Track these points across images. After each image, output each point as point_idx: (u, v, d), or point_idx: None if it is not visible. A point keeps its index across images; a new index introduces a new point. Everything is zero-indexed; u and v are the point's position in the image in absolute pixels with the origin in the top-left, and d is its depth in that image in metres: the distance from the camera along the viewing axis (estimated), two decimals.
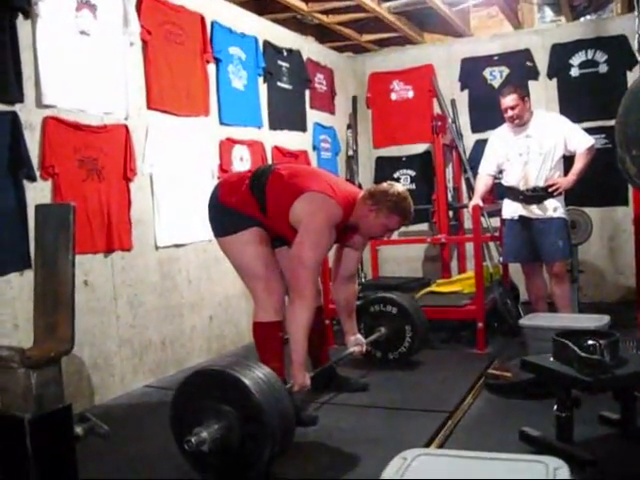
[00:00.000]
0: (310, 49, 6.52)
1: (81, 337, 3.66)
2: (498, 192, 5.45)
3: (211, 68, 5.05)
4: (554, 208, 4.71)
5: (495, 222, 5.59)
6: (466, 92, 6.86)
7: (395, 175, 7.07)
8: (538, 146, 4.71)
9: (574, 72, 6.40)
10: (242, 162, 5.26)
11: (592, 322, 3.97)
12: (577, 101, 6.27)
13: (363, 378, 4.10)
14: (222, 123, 5.14)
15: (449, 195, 6.45)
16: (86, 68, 3.92)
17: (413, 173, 7.07)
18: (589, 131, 4.97)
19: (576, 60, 6.38)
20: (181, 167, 4.68)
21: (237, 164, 5.20)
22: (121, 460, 3.04)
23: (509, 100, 4.72)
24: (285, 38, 6.07)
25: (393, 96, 7.16)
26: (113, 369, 4.07)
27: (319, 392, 3.74)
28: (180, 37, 4.69)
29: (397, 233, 3.94)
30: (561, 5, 7.10)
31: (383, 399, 3.73)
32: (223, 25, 5.15)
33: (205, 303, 4.92)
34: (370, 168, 7.29)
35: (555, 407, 2.85)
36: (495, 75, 6.70)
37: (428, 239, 6.16)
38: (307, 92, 6.39)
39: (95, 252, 3.95)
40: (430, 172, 6.72)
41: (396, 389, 3.92)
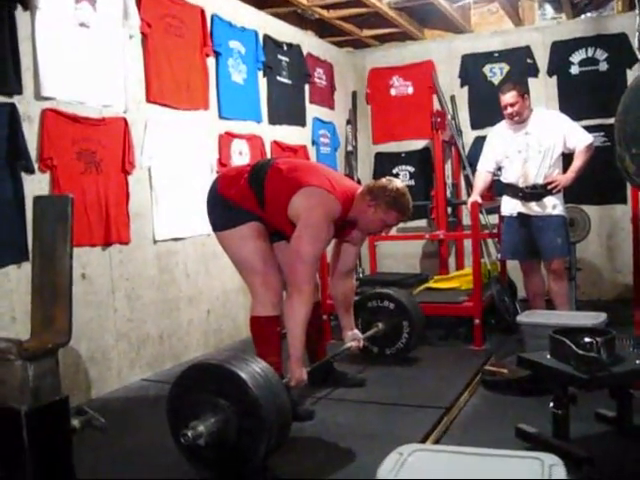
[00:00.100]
0: (310, 44, 6.51)
1: (78, 330, 3.65)
2: (497, 189, 5.45)
3: (211, 62, 5.04)
4: (553, 205, 4.71)
5: (493, 219, 5.59)
6: (466, 88, 6.86)
7: (394, 171, 7.07)
8: (537, 143, 4.70)
9: (574, 70, 6.40)
10: (241, 156, 5.25)
11: (589, 320, 3.98)
12: (577, 99, 6.27)
13: (360, 373, 4.10)
14: (221, 117, 5.14)
15: (448, 191, 6.45)
16: (85, 60, 3.91)
17: (412, 169, 7.07)
18: (588, 129, 4.96)
19: (576, 58, 6.38)
20: (180, 161, 4.67)
21: (236, 158, 5.19)
22: (117, 453, 3.03)
23: (508, 97, 4.71)
24: (285, 32, 6.06)
25: (393, 92, 7.16)
26: (110, 362, 4.07)
27: (316, 387, 3.74)
28: (180, 30, 4.68)
29: (395, 229, 3.94)
30: (562, 2, 7.10)
31: (380, 394, 3.73)
32: (223, 19, 5.14)
33: (203, 297, 4.92)
34: (369, 164, 7.29)
35: (551, 404, 2.85)
36: (495, 72, 6.69)
37: (426, 235, 6.16)
38: (307, 87, 6.39)
39: (93, 245, 3.95)
40: (429, 168, 6.73)
41: (393, 385, 3.92)
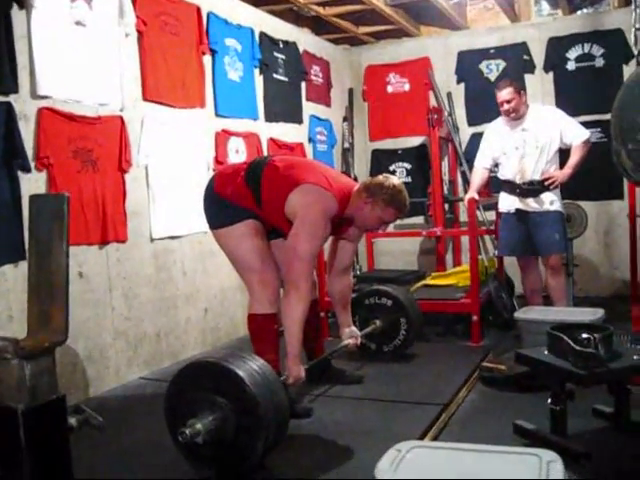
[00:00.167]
0: (306, 41, 6.50)
1: (76, 329, 3.66)
2: (494, 186, 5.46)
3: (207, 59, 5.03)
4: (551, 201, 4.72)
5: (490, 215, 5.59)
6: (462, 85, 6.85)
7: (391, 168, 7.06)
8: (534, 139, 4.71)
9: (570, 66, 6.40)
10: (238, 154, 5.25)
11: (586, 316, 3.98)
12: (573, 95, 6.26)
13: (358, 370, 4.10)
14: (218, 115, 5.13)
15: (445, 188, 6.44)
16: (81, 59, 3.90)
17: (409, 166, 7.07)
18: (585, 125, 4.97)
19: (572, 54, 6.37)
20: (176, 159, 4.66)
21: (233, 156, 5.19)
22: (115, 452, 3.04)
23: (505, 94, 4.71)
24: (281, 30, 6.05)
25: (389, 89, 7.15)
26: (108, 361, 4.07)
27: (314, 384, 3.74)
28: (176, 28, 4.67)
29: (392, 226, 3.94)
30: None
31: (378, 391, 3.73)
32: (219, 16, 5.13)
33: (200, 295, 4.92)
34: (366, 161, 7.29)
35: (549, 400, 2.86)
36: (491, 68, 6.69)
37: (423, 232, 6.15)
38: (303, 84, 6.38)
39: (90, 244, 3.94)
40: (426, 165, 6.71)
41: (391, 382, 3.93)
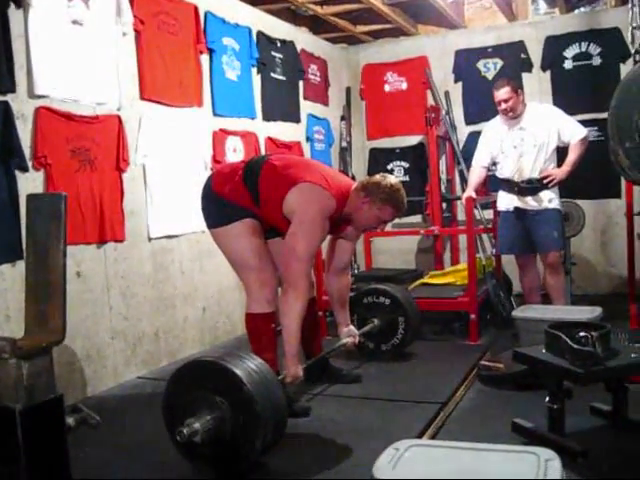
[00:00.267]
0: (304, 40, 6.50)
1: (74, 328, 3.66)
2: (491, 184, 5.46)
3: (204, 59, 5.03)
4: (549, 199, 4.73)
5: (488, 214, 5.59)
6: (460, 84, 6.85)
7: (388, 167, 7.07)
8: (532, 138, 4.72)
9: (568, 64, 6.40)
10: (235, 153, 5.24)
11: (584, 314, 3.97)
12: (570, 93, 6.27)
13: (356, 369, 4.11)
14: (215, 114, 5.12)
15: (442, 187, 6.44)
16: (79, 58, 3.89)
17: (406, 165, 7.07)
18: (582, 123, 4.96)
19: (570, 52, 6.38)
20: (174, 158, 4.66)
21: (230, 155, 5.18)
22: (113, 451, 3.03)
23: (502, 93, 4.72)
24: (279, 29, 6.04)
25: (387, 88, 7.15)
26: (106, 360, 4.07)
27: (312, 383, 3.74)
28: (173, 27, 4.67)
29: (390, 225, 3.94)
30: None
31: (376, 390, 3.74)
32: (216, 15, 5.12)
33: (198, 294, 4.92)
34: (363, 160, 7.29)
35: (547, 398, 2.85)
36: (489, 67, 6.69)
37: (421, 231, 6.16)
38: (301, 83, 6.38)
39: (87, 243, 3.94)
40: (423, 164, 6.71)
41: (389, 380, 3.93)
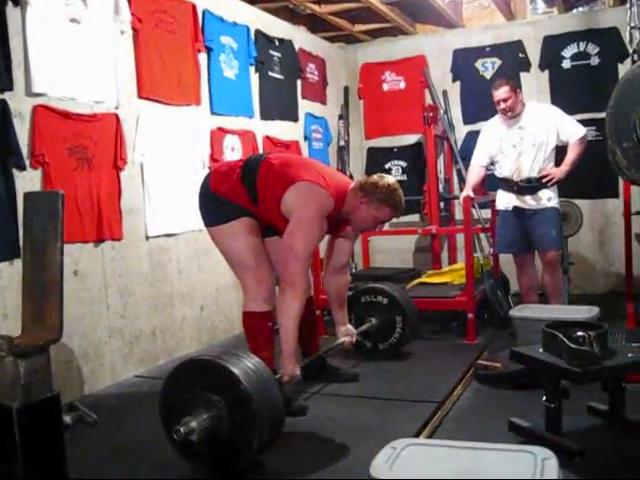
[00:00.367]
0: (302, 39, 6.50)
1: (71, 327, 3.65)
2: (489, 183, 5.46)
3: (202, 57, 5.03)
4: (548, 198, 4.74)
5: (486, 214, 5.60)
6: (458, 83, 6.86)
7: (386, 166, 7.07)
8: (531, 137, 4.72)
9: (566, 64, 6.41)
10: (233, 152, 5.24)
11: (581, 313, 3.98)
12: (569, 93, 6.27)
13: (353, 368, 4.10)
14: (213, 113, 5.12)
15: (440, 186, 6.45)
16: (76, 56, 3.89)
17: (404, 164, 7.07)
18: (580, 123, 4.96)
19: (568, 52, 6.38)
20: (172, 156, 4.65)
21: (228, 154, 5.18)
22: (110, 449, 3.03)
23: (501, 92, 4.72)
24: (277, 28, 6.04)
25: (385, 87, 7.15)
26: (103, 359, 4.06)
27: (309, 382, 3.74)
28: (171, 26, 4.66)
29: (388, 224, 3.94)
30: None
31: (373, 389, 3.74)
32: (215, 14, 5.12)
33: (196, 293, 4.91)
34: (361, 159, 7.29)
35: (544, 398, 2.86)
36: (487, 66, 6.69)
37: (419, 230, 6.17)
38: (299, 82, 6.38)
39: (85, 242, 3.94)
40: (421, 163, 6.72)
41: (386, 379, 3.93)
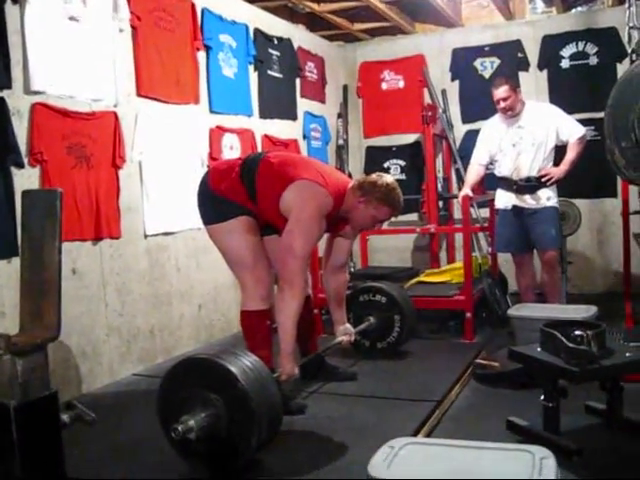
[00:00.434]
0: (301, 37, 6.50)
1: (69, 325, 3.65)
2: (488, 183, 5.46)
3: (201, 56, 5.02)
4: (547, 197, 4.74)
5: (485, 213, 5.60)
6: (457, 82, 6.86)
7: (385, 165, 7.08)
8: (531, 136, 4.73)
9: (564, 64, 6.41)
10: (232, 150, 5.24)
11: (579, 313, 3.99)
12: (567, 93, 6.27)
13: (352, 367, 4.10)
14: (212, 111, 5.12)
15: (439, 185, 6.45)
16: (75, 54, 3.88)
17: (403, 163, 7.07)
18: (579, 123, 4.97)
19: (567, 52, 6.39)
20: (171, 155, 4.65)
21: (227, 152, 5.18)
22: (108, 448, 3.03)
23: (501, 91, 4.72)
24: (276, 26, 6.04)
25: (384, 86, 7.15)
26: (101, 357, 4.06)
27: (307, 381, 3.74)
28: (170, 24, 4.66)
29: (387, 223, 3.94)
30: None
31: (371, 388, 3.74)
32: (214, 12, 5.12)
33: (194, 292, 4.91)
34: (360, 158, 7.29)
35: (542, 397, 2.86)
36: (486, 66, 6.70)
37: (417, 229, 6.17)
38: (298, 81, 6.38)
39: (83, 240, 3.93)
40: (420, 162, 6.72)
41: (384, 378, 3.93)
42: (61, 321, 2.31)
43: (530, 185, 4.74)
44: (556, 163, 4.80)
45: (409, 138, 7.03)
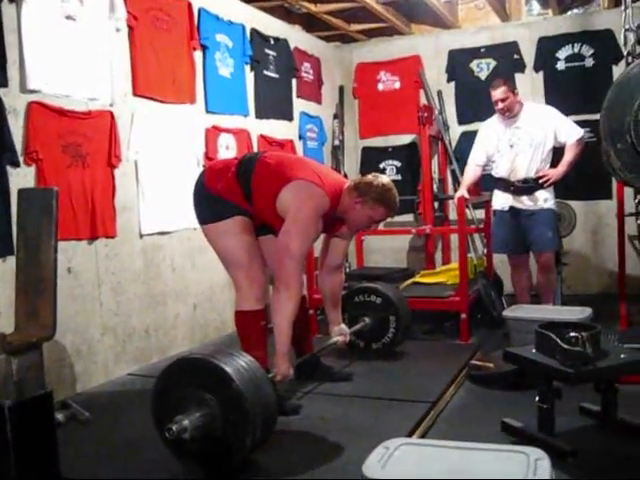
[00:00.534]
0: (297, 38, 6.50)
1: (64, 324, 3.63)
2: (484, 183, 5.46)
3: (198, 55, 5.02)
4: (544, 199, 4.76)
5: (480, 214, 5.60)
6: (453, 84, 6.86)
7: (381, 165, 7.07)
8: (529, 138, 4.74)
9: (560, 65, 6.42)
10: (228, 150, 5.24)
11: (574, 314, 4.00)
12: (563, 94, 6.27)
13: (346, 368, 4.11)
14: (208, 111, 5.11)
15: (434, 186, 6.46)
16: (71, 53, 3.88)
17: (399, 164, 7.07)
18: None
19: (562, 53, 6.40)
20: (166, 154, 4.65)
21: (223, 152, 5.17)
22: (103, 447, 3.03)
23: (499, 92, 4.73)
24: (272, 26, 6.04)
25: (380, 86, 7.15)
26: (96, 357, 4.05)
27: (302, 381, 3.74)
28: (167, 24, 4.66)
29: (382, 223, 3.95)
30: None
31: (366, 389, 3.74)
32: (210, 12, 5.11)
33: (189, 291, 4.91)
34: (356, 158, 7.29)
35: (537, 398, 2.87)
36: (482, 67, 6.70)
37: (413, 230, 6.17)
38: (294, 81, 6.38)
39: (79, 239, 3.93)
40: (416, 163, 6.73)
41: (379, 379, 3.93)
42: (56, 320, 2.30)
43: (527, 186, 4.75)
44: (553, 165, 4.81)
45: (405, 139, 7.03)
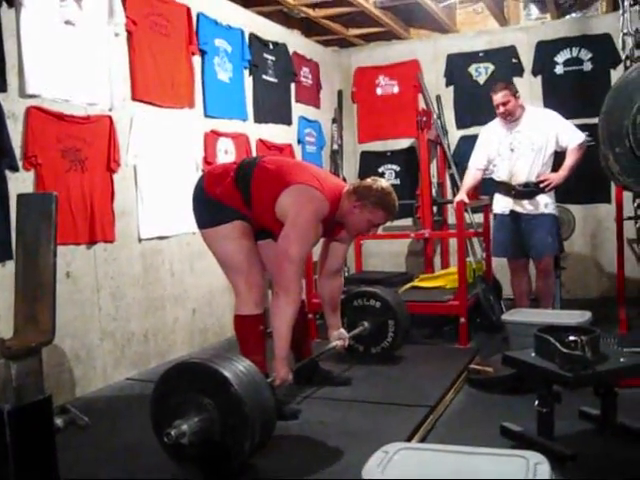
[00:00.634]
0: (296, 42, 6.51)
1: (63, 329, 3.63)
2: (487, 187, 5.45)
3: (196, 60, 5.02)
4: (545, 204, 4.75)
5: (479, 218, 5.60)
6: (451, 88, 6.87)
7: (379, 170, 7.08)
8: (530, 141, 4.74)
9: (559, 70, 6.44)
10: (227, 155, 5.24)
11: (574, 318, 3.99)
12: (561, 98, 6.27)
13: (346, 372, 4.10)
14: (207, 115, 5.12)
15: (433, 190, 6.46)
16: (70, 58, 3.88)
17: (397, 168, 7.08)
18: None
19: (561, 58, 6.41)
20: (165, 159, 4.65)
21: (222, 157, 5.18)
22: (102, 452, 3.02)
23: (501, 96, 4.74)
24: (271, 31, 6.04)
25: (378, 91, 7.16)
26: (95, 361, 4.05)
27: (301, 386, 3.74)
28: (166, 28, 4.66)
29: (381, 228, 3.95)
30: (547, 3, 7.14)
31: (365, 393, 3.73)
32: (209, 17, 5.12)
33: (188, 296, 4.90)
34: (355, 163, 7.29)
35: (536, 402, 2.86)
36: (480, 71, 6.71)
37: (412, 234, 6.17)
38: (292, 86, 6.38)
39: (78, 243, 3.93)
40: (414, 167, 6.72)
41: (378, 383, 3.92)
42: (55, 325, 2.30)
43: (528, 190, 4.75)
44: (554, 169, 4.81)
45: (404, 143, 7.04)
